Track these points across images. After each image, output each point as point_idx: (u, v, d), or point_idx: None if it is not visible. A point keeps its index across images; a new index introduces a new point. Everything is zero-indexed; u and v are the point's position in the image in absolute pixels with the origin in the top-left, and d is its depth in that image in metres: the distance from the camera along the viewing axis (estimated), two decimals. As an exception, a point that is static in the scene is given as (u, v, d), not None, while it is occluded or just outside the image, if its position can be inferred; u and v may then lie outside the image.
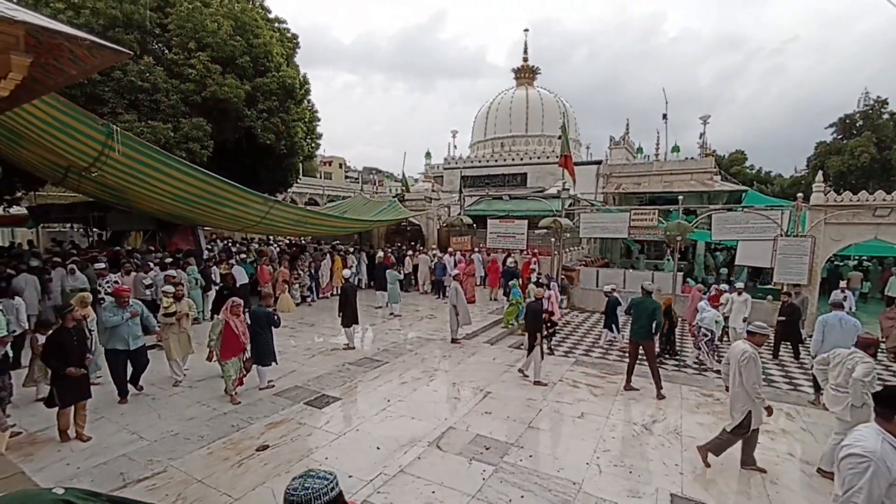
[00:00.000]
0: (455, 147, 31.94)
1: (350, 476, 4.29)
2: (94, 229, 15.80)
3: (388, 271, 11.82)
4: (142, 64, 12.92)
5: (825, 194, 11.42)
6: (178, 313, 6.67)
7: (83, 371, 4.93)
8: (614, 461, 4.75)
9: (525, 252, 15.37)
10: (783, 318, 8.92)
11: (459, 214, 17.92)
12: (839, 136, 28.39)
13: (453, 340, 9.26)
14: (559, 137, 16.72)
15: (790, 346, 9.17)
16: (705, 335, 8.40)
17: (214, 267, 11.37)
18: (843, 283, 10.54)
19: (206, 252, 13.45)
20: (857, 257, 17.49)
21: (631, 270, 15.07)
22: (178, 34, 13.95)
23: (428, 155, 35.45)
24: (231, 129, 15.20)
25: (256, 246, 17.68)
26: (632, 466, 4.66)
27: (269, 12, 17.43)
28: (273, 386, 6.56)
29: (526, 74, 31.81)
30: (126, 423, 5.35)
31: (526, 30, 36.88)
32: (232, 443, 4.89)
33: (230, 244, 18.22)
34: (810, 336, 8.38)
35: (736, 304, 9.54)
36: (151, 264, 10.22)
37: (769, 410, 4.52)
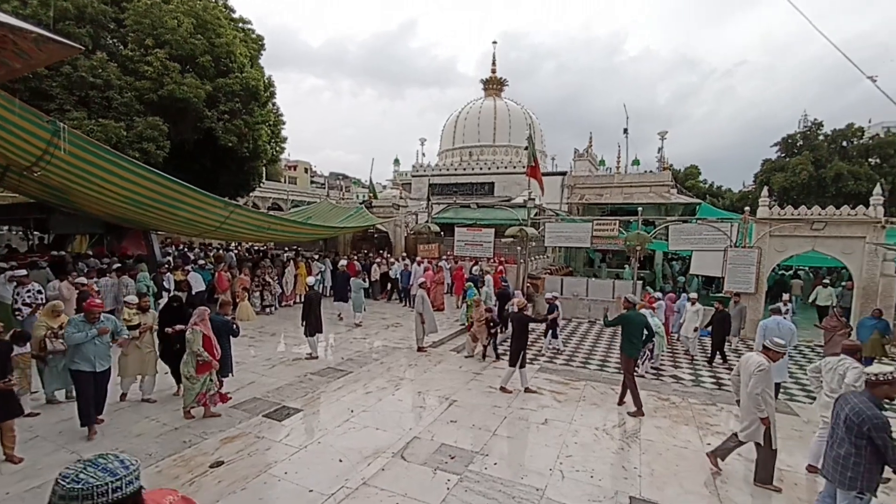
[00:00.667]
0: (423, 155, 32.03)
1: (311, 490, 4.15)
2: (35, 232, 14.75)
3: (352, 280, 11.62)
4: (94, 59, 12.28)
5: (769, 208, 12.19)
6: (142, 326, 6.10)
7: (9, 384, 4.47)
8: (577, 466, 4.83)
9: (492, 260, 15.54)
10: (711, 325, 9.37)
11: (427, 222, 17.93)
12: (782, 155, 30.48)
13: (419, 349, 9.20)
14: (526, 148, 17.09)
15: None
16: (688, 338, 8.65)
17: (169, 273, 10.83)
18: (785, 297, 11.16)
19: (160, 257, 12.80)
20: (794, 267, 18.73)
21: (594, 279, 15.49)
22: (134, 30, 13.37)
23: (396, 162, 35.42)
24: (190, 130, 14.66)
25: (216, 252, 17.00)
26: (593, 471, 4.75)
27: (234, 12, 17.02)
28: (230, 398, 6.27)
29: (494, 85, 32.44)
30: (64, 442, 4.97)
31: (494, 42, 37.67)
32: (183, 460, 4.63)
33: (186, 249, 17.45)
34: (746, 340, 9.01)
35: (689, 313, 9.91)
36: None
37: (764, 422, 4.45)
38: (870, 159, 27.73)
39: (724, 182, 46.48)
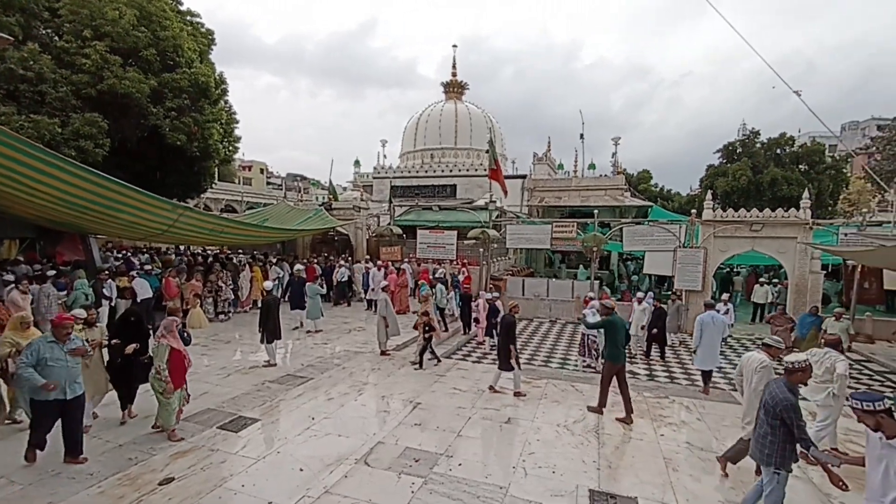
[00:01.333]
0: (385, 156, 31.71)
1: (270, 502, 4.00)
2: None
3: (307, 285, 11.20)
4: (24, 50, 11.33)
5: (713, 211, 12.98)
6: (91, 342, 5.33)
7: None
8: (539, 463, 4.92)
9: (455, 262, 15.61)
10: (651, 323, 9.83)
11: (389, 224, 17.77)
12: (724, 161, 32.53)
13: (382, 352, 9.08)
14: (487, 151, 17.32)
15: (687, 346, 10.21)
16: (593, 340, 8.94)
17: (110, 280, 10.13)
18: (725, 296, 11.84)
19: (100, 263, 11.95)
20: (735, 266, 20.00)
21: (554, 279, 15.90)
22: (70, 20, 12.45)
23: (357, 163, 34.92)
24: (133, 128, 13.81)
25: (164, 256, 16.08)
26: (555, 466, 4.86)
27: (181, 4, 16.21)
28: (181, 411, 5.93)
29: (455, 89, 32.66)
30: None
31: (454, 46, 38.03)
32: (129, 478, 4.33)
33: (131, 254, 16.39)
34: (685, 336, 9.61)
35: (636, 312, 10.26)
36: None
37: None
38: (800, 166, 30.15)
39: (673, 186, 49.10)
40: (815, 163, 30.12)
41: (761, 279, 14.44)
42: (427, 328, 8.43)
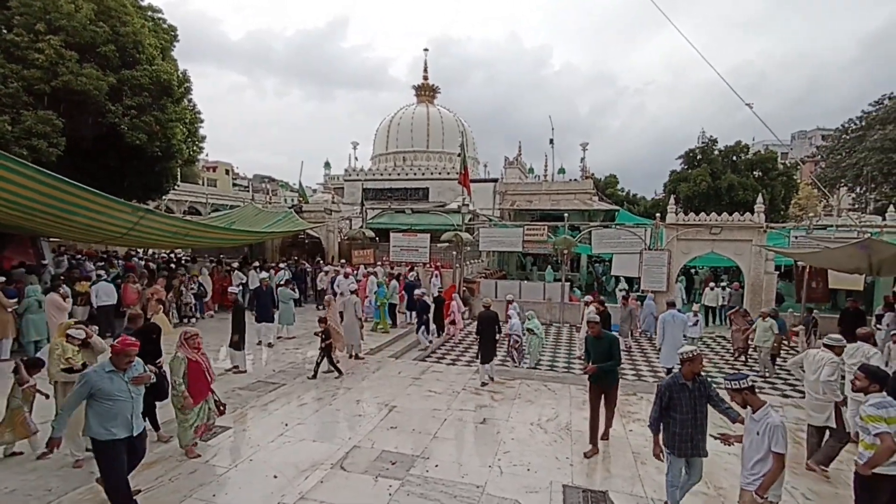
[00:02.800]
0: (356, 159, 31.43)
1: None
2: None
3: (280, 289, 10.96)
4: (-32, 41, 10.61)
5: (676, 215, 13.57)
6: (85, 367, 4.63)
7: None
8: (514, 461, 5.02)
9: (427, 266, 15.64)
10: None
11: (362, 227, 17.63)
12: (686, 167, 33.99)
13: (356, 357, 9.00)
14: (459, 155, 17.47)
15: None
16: (516, 341, 9.22)
17: (64, 286, 9.59)
18: (696, 307, 12.33)
19: (53, 268, 11.32)
20: (696, 268, 20.91)
21: (526, 282, 16.18)
22: (21, 13, 11.75)
23: (327, 165, 34.44)
24: (90, 126, 13.16)
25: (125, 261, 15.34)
26: (529, 464, 4.96)
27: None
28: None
29: (426, 92, 32.79)
30: None
31: (426, 49, 38.18)
32: (91, 492, 4.12)
33: (84, 259, 15.55)
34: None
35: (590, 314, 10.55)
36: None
37: (839, 405, 4.86)
38: (754, 172, 31.86)
39: (639, 190, 50.80)
40: (768, 169, 31.90)
41: (711, 283, 14.54)
42: (325, 335, 7.71)
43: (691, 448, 3.91)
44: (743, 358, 10.15)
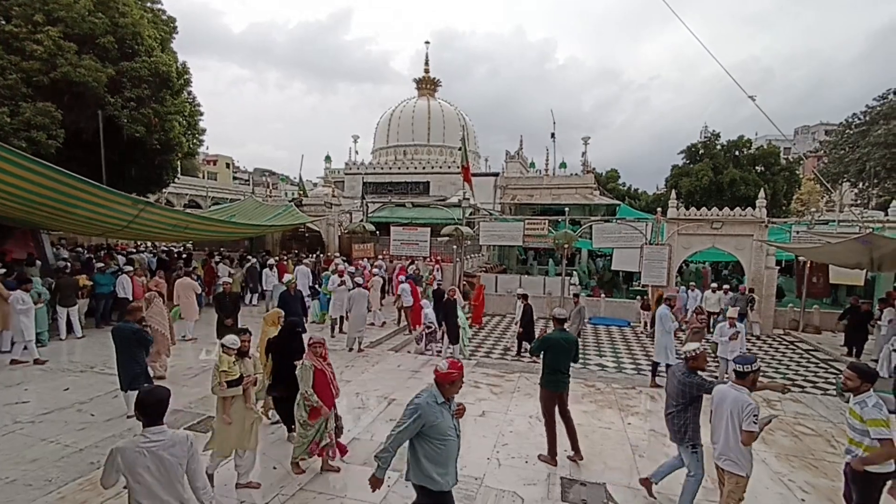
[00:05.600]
0: (357, 152, 31.34)
1: (242, 501, 3.93)
2: None
3: (275, 284, 10.98)
4: (-34, 33, 10.55)
5: (677, 210, 13.52)
6: (245, 379, 4.20)
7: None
8: (512, 454, 5.04)
9: (428, 260, 15.63)
10: (521, 321, 9.87)
11: (362, 221, 17.60)
12: (687, 162, 33.88)
13: (359, 350, 9.03)
14: (460, 149, 17.41)
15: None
16: (428, 327, 9.45)
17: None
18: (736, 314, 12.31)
19: (52, 260, 11.33)
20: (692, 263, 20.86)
21: (526, 276, 16.18)
22: (19, 3, 11.68)
23: (328, 158, 34.29)
24: (89, 118, 13.09)
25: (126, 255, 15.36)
26: (528, 457, 4.98)
27: (142, -10, 15.47)
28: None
29: (427, 86, 32.60)
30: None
31: (427, 42, 37.91)
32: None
33: (83, 251, 15.56)
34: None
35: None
36: None
37: None
38: (756, 167, 31.73)
39: (640, 185, 50.73)
40: (770, 164, 31.77)
41: (714, 286, 12.83)
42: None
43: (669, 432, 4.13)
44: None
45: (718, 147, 32.74)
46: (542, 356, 5.05)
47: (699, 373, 4.04)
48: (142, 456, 2.48)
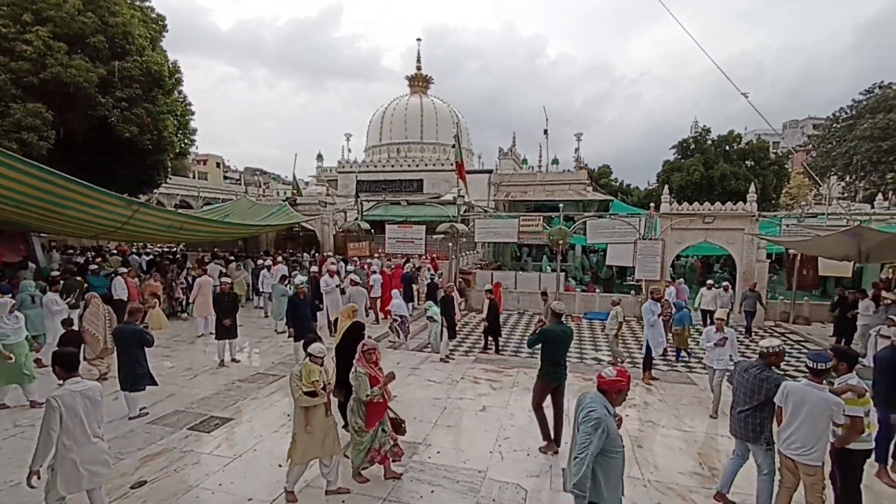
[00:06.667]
0: (349, 151, 31.24)
1: (250, 499, 3.98)
2: None
3: (274, 285, 10.93)
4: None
5: (670, 204, 13.67)
6: (328, 386, 4.17)
7: None
8: (514, 447, 5.12)
9: (423, 257, 15.68)
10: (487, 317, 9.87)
11: (357, 219, 17.59)
12: (679, 157, 34.19)
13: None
14: (453, 146, 17.44)
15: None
16: (395, 319, 9.67)
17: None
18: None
19: (43, 263, 11.23)
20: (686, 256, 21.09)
21: (521, 272, 16.28)
22: (7, 3, 11.53)
23: (319, 157, 34.18)
24: (80, 119, 12.98)
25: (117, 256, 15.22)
26: (529, 449, 5.07)
27: (131, -11, 15.31)
28: (147, 413, 5.74)
29: (420, 83, 32.55)
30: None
31: (419, 39, 37.85)
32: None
33: (76, 253, 15.41)
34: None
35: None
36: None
37: None
38: (747, 161, 32.12)
39: (632, 180, 50.81)
40: (760, 159, 32.17)
41: (709, 282, 12.28)
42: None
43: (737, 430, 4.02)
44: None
45: (709, 142, 33.09)
46: (540, 349, 5.11)
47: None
48: (77, 397, 3.32)
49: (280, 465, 4.57)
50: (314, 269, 11.95)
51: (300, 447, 3.97)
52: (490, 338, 9.97)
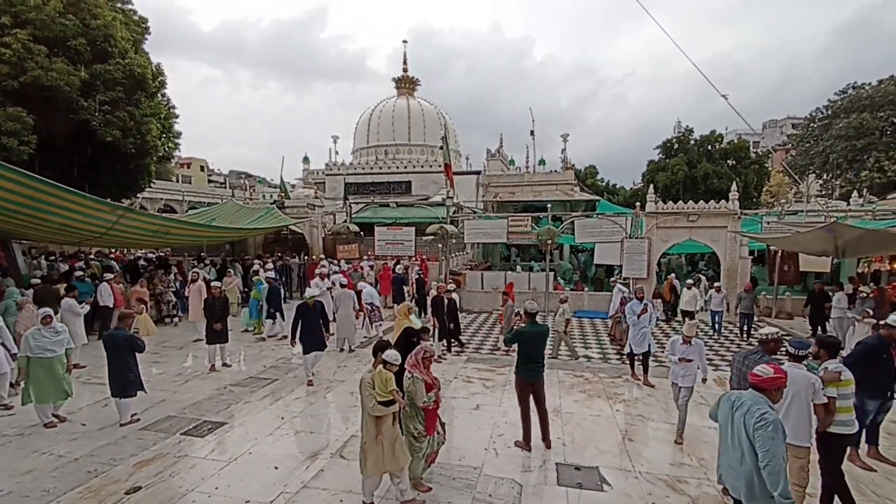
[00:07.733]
0: (337, 153, 31.12)
1: (247, 501, 3.98)
2: None
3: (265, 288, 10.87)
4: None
5: (655, 204, 13.93)
6: (395, 393, 3.98)
7: None
8: (508, 443, 5.20)
9: (413, 258, 15.70)
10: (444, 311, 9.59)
11: (346, 222, 17.55)
12: (663, 157, 34.77)
13: (350, 349, 9.08)
14: (441, 148, 17.51)
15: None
16: (369, 309, 10.20)
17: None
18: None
19: (24, 270, 11.00)
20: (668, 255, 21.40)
21: (511, 272, 16.38)
22: (-15, 5, 11.29)
23: (306, 159, 34.00)
24: (61, 123, 12.76)
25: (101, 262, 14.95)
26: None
27: (113, -10, 15.09)
28: (138, 420, 5.68)
29: (406, 85, 32.59)
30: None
31: (405, 41, 37.89)
32: (91, 491, 4.13)
33: (59, 260, 15.10)
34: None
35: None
36: None
37: None
38: (728, 161, 32.80)
39: (618, 180, 51.48)
40: (741, 158, 32.88)
41: (689, 281, 12.13)
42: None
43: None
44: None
45: (692, 142, 33.72)
46: (517, 347, 5.23)
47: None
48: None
49: (276, 468, 4.58)
50: (269, 275, 10.60)
51: (371, 458, 3.82)
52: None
